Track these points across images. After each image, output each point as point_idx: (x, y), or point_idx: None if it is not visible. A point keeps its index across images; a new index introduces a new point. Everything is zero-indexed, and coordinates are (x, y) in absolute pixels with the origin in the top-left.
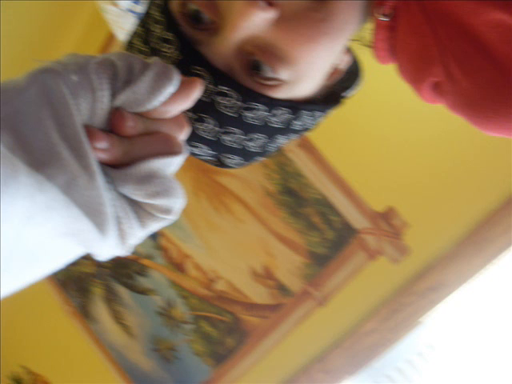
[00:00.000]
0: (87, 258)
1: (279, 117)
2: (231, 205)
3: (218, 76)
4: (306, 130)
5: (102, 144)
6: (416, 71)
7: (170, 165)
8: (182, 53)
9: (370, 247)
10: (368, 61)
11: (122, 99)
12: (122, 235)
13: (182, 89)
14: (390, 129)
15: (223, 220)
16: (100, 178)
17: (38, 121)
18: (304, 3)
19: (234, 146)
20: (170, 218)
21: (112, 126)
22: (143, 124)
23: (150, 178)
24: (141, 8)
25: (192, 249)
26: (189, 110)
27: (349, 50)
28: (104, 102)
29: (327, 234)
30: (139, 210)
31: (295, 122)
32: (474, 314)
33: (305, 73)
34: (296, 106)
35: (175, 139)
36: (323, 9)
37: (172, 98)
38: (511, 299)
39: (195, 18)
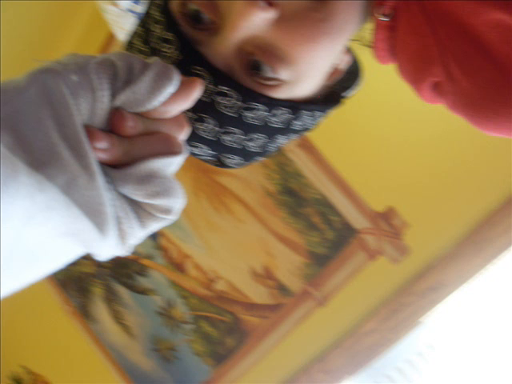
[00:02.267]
0: (87, 258)
1: (279, 117)
2: (231, 205)
3: (218, 76)
4: (306, 129)
5: (102, 144)
6: (416, 71)
7: (170, 165)
8: (182, 53)
9: (370, 247)
10: (368, 61)
11: (121, 99)
12: (122, 235)
13: (182, 89)
14: (390, 129)
15: (223, 220)
16: (100, 178)
17: (38, 121)
18: (304, 3)
19: (234, 146)
20: (170, 218)
21: (112, 126)
22: (143, 124)
23: (150, 178)
24: (141, 8)
25: (192, 249)
26: (189, 110)
27: (349, 50)
28: (104, 101)
29: (327, 234)
30: (139, 209)
31: (295, 122)
32: (474, 314)
33: (305, 73)
34: (296, 106)
35: (175, 139)
36: (323, 9)
37: (172, 98)
38: (511, 299)
39: (195, 18)
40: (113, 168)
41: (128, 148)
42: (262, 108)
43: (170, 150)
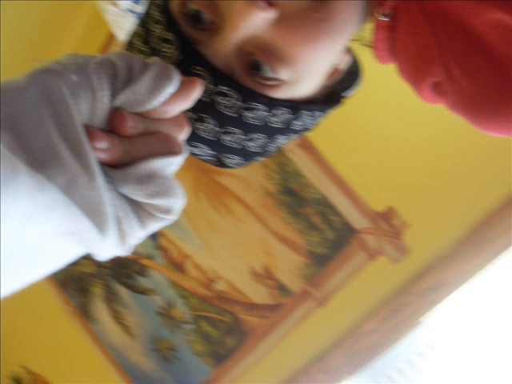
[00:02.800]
0: (87, 258)
1: (279, 117)
2: (231, 205)
3: (218, 76)
4: (306, 129)
5: (102, 144)
6: (416, 71)
7: (170, 165)
8: (182, 53)
9: (370, 247)
10: (368, 61)
11: (121, 99)
12: (122, 235)
13: (182, 89)
14: (390, 129)
15: (223, 220)
16: (100, 178)
17: (38, 121)
18: (304, 3)
19: (234, 146)
20: (170, 218)
21: (112, 126)
22: (143, 124)
23: (150, 178)
24: (141, 8)
25: (192, 249)
26: (189, 110)
27: (349, 50)
28: (104, 101)
29: (327, 234)
30: (139, 209)
31: (295, 122)
32: (474, 314)
33: (305, 73)
34: (296, 106)
35: (175, 139)
36: (323, 9)
37: (172, 98)
38: (511, 299)
39: (195, 18)
40: (113, 168)
41: (128, 148)
42: (262, 108)
43: (170, 150)
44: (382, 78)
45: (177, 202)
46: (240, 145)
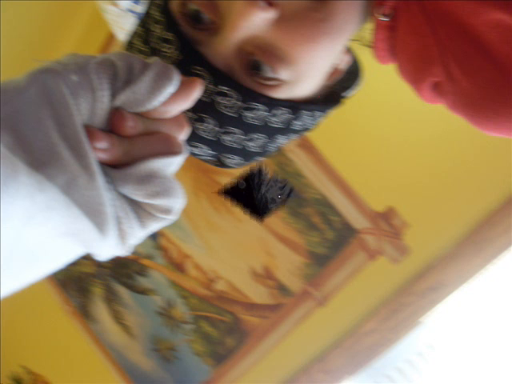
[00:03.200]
0: (87, 258)
1: (279, 117)
2: (231, 205)
3: (218, 76)
4: (306, 129)
5: (102, 144)
6: (416, 71)
7: (170, 165)
8: (182, 53)
9: (370, 247)
10: (368, 61)
11: (121, 99)
12: (122, 235)
13: (182, 89)
14: (390, 129)
15: (223, 220)
16: (100, 178)
17: (38, 121)
18: (304, 3)
19: (234, 146)
20: (170, 218)
21: (112, 126)
22: (143, 124)
23: (150, 178)
24: (141, 8)
25: (192, 249)
26: (189, 110)
27: (349, 50)
28: (104, 101)
29: (327, 234)
30: (139, 210)
31: (295, 122)
32: (474, 314)
33: (305, 73)
34: (296, 106)
35: (175, 139)
36: (323, 9)
37: (172, 98)
38: (511, 299)
39: (195, 18)
40: (113, 168)
41: (128, 148)
42: (262, 108)
43: (170, 149)
44: (382, 78)
45: (177, 202)
46: (240, 145)
